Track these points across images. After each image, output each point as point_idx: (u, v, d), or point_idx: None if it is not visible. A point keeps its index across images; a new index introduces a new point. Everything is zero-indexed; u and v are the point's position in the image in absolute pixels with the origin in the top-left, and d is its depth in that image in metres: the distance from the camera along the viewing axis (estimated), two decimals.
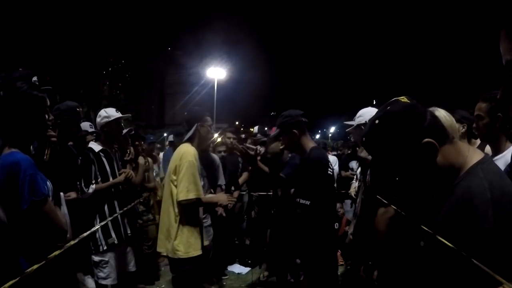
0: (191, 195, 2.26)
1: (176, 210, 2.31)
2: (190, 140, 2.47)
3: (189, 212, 2.33)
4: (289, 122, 2.32)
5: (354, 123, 2.47)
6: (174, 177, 2.33)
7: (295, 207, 2.24)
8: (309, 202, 2.16)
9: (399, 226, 1.78)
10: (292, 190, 2.61)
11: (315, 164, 2.21)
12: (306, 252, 2.34)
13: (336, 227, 2.38)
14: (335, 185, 2.45)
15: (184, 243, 2.29)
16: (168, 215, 2.36)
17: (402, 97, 0.99)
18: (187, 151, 2.36)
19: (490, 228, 0.78)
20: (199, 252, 2.34)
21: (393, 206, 1.89)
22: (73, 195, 2.53)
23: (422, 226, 1.04)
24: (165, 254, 2.44)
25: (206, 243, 2.50)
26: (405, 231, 1.68)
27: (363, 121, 2.31)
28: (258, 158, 2.53)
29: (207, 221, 3.27)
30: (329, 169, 2.28)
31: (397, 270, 1.82)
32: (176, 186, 2.31)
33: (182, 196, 2.25)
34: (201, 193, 2.34)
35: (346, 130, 3.11)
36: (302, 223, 2.23)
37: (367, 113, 2.36)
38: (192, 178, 2.28)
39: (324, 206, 2.22)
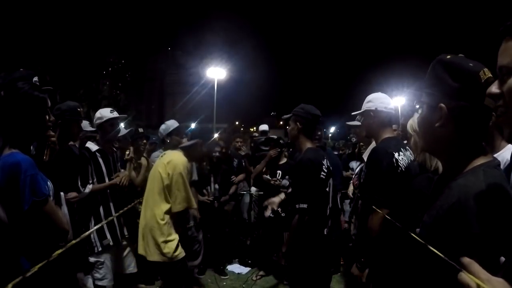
0: (191, 204, 2.54)
1: (167, 215, 2.48)
2: (185, 149, 2.66)
3: (180, 219, 2.58)
4: (297, 113, 2.31)
5: (362, 110, 2.25)
6: (167, 183, 2.48)
7: (294, 212, 2.20)
8: (307, 205, 2.13)
9: (390, 226, 1.77)
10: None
11: (306, 166, 2.17)
12: (293, 257, 2.30)
13: (326, 233, 2.24)
14: (328, 189, 2.28)
15: (173, 247, 2.46)
16: (155, 220, 2.48)
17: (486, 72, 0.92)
18: (179, 161, 2.53)
19: (479, 234, 0.78)
20: (184, 254, 2.55)
21: (375, 208, 1.88)
22: (74, 195, 2.52)
23: (411, 233, 1.03)
24: (144, 254, 2.56)
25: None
26: (395, 232, 1.69)
27: (373, 108, 2.14)
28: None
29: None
30: (322, 173, 2.21)
31: (388, 268, 1.83)
32: (168, 193, 2.49)
33: (180, 207, 2.48)
34: (194, 202, 2.61)
35: (355, 119, 2.94)
36: (300, 227, 2.16)
37: (377, 99, 2.17)
38: (187, 189, 2.51)
39: (316, 210, 2.17)
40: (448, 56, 0.96)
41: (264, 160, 3.97)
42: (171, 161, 2.52)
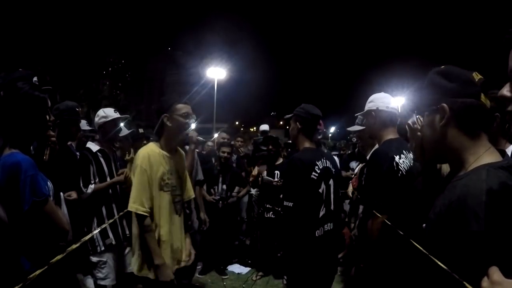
0: (135, 207, 1.96)
1: (134, 220, 2.05)
2: (158, 136, 2.16)
3: (141, 226, 1.99)
4: (297, 113, 2.28)
5: (364, 111, 2.25)
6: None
7: (281, 210, 2.14)
8: (292, 203, 2.08)
9: (389, 231, 1.76)
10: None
11: (296, 164, 2.12)
12: (286, 256, 2.25)
13: (317, 235, 2.13)
14: (322, 190, 2.18)
15: (137, 260, 2.07)
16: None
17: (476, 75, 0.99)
18: (140, 152, 2.07)
19: (477, 232, 0.78)
20: (149, 274, 2.04)
21: (376, 213, 1.87)
22: (73, 195, 2.53)
23: (411, 241, 1.04)
24: None
25: (175, 266, 2.12)
26: (395, 237, 1.68)
27: (374, 107, 2.13)
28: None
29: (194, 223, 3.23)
30: (314, 173, 2.13)
31: (387, 273, 1.82)
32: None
33: (129, 207, 1.98)
34: (146, 208, 1.97)
35: (356, 122, 2.89)
36: (284, 225, 2.14)
37: (378, 99, 2.16)
38: (140, 187, 1.98)
39: (304, 210, 2.10)
40: (442, 67, 1.03)
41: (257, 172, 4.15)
42: (137, 154, 2.15)
